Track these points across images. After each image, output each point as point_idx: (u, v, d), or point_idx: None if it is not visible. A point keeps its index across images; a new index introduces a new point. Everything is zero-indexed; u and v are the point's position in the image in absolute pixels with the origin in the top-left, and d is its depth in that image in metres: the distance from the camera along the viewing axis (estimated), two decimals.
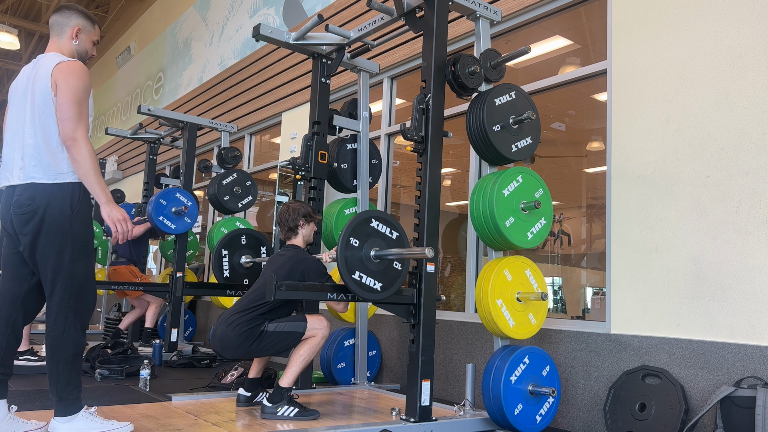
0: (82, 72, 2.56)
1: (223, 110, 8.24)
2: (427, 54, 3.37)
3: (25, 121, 2.58)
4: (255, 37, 4.06)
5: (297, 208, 3.57)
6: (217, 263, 4.58)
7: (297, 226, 3.56)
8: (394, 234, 3.16)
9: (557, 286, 5.74)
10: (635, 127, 3.54)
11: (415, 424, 3.05)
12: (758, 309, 2.93)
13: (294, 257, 3.41)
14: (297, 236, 3.58)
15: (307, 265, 3.36)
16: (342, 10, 6.13)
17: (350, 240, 3.00)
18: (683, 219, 3.25)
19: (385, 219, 3.15)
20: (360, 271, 3.01)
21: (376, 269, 3.08)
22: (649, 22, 3.56)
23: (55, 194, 2.52)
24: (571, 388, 3.58)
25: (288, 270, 3.34)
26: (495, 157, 3.37)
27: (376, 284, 3.07)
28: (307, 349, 3.27)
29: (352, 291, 3.01)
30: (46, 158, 2.54)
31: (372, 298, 3.07)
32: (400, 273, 3.18)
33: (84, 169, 2.50)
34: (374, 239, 3.09)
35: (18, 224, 2.51)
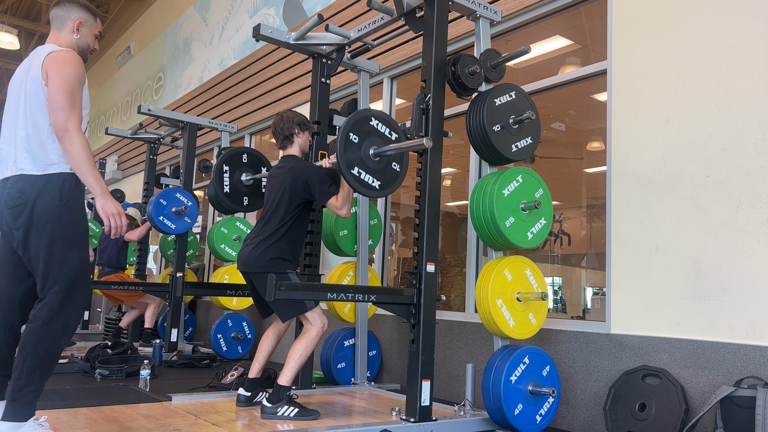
0: (74, 61, 2.46)
1: (223, 110, 8.24)
2: (427, 54, 3.37)
3: (18, 113, 2.52)
4: (255, 37, 4.06)
5: (291, 117, 3.55)
6: (217, 178, 4.53)
7: (292, 134, 3.53)
8: (393, 135, 3.19)
9: (557, 286, 5.74)
10: (635, 127, 3.54)
11: (415, 424, 3.05)
12: (758, 309, 2.93)
13: (295, 167, 3.41)
14: (293, 145, 3.56)
15: (308, 173, 3.35)
16: (342, 10, 6.13)
17: (350, 135, 3.01)
18: (683, 219, 3.25)
19: (385, 119, 3.17)
20: (359, 167, 3.04)
21: (375, 167, 3.12)
22: (649, 22, 3.56)
23: (45, 185, 2.42)
24: (571, 388, 3.58)
25: (291, 180, 3.35)
26: (495, 157, 3.37)
27: (374, 182, 3.11)
28: (303, 345, 3.27)
29: (352, 186, 3.06)
30: (35, 149, 2.46)
31: (370, 194, 3.13)
32: (399, 174, 3.23)
33: (76, 160, 2.40)
34: (373, 138, 3.12)
35: (10, 218, 2.43)
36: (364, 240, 4.49)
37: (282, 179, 3.39)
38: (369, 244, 4.55)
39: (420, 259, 3.23)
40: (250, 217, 7.65)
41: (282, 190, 3.37)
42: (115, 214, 2.48)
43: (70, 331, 2.42)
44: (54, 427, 2.77)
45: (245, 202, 4.84)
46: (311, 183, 3.33)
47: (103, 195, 2.46)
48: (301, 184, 3.34)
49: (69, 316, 2.41)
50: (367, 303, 4.00)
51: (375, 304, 3.21)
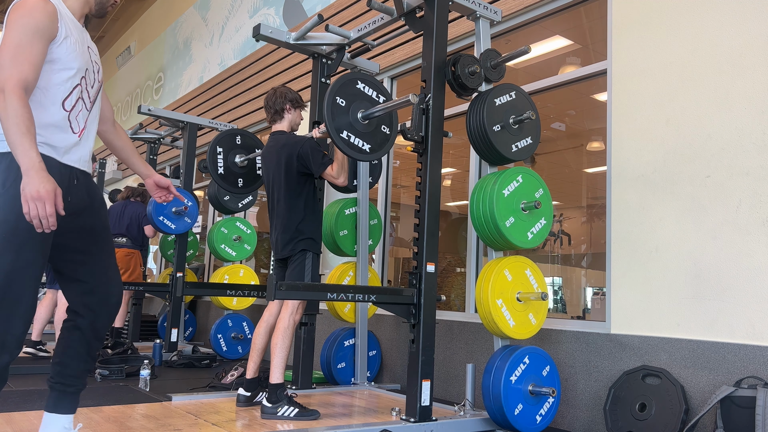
0: (31, 7, 1.97)
1: (223, 110, 8.24)
2: (427, 54, 3.37)
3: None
4: (255, 37, 4.06)
5: (285, 92, 3.58)
6: (211, 159, 4.51)
7: (283, 109, 3.57)
8: (381, 98, 3.22)
9: (557, 286, 5.74)
10: (635, 127, 3.54)
11: (415, 424, 3.05)
12: (758, 309, 2.93)
13: (287, 143, 3.44)
14: (283, 120, 3.59)
15: (302, 147, 3.39)
16: (342, 10, 6.13)
17: (336, 99, 3.03)
18: (683, 219, 3.25)
19: (371, 81, 3.21)
20: (348, 131, 3.06)
21: (364, 130, 3.14)
22: (649, 22, 3.56)
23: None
24: (571, 388, 3.58)
25: (287, 156, 3.40)
26: (495, 157, 3.37)
27: (364, 145, 3.14)
28: (279, 337, 3.28)
29: (342, 150, 3.08)
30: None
31: (361, 158, 3.14)
32: (389, 137, 3.25)
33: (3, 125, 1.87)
34: (361, 101, 3.14)
35: None
36: (364, 240, 4.49)
37: (277, 158, 3.43)
38: (369, 244, 4.55)
39: (420, 259, 3.23)
40: (250, 217, 7.66)
41: (280, 170, 3.42)
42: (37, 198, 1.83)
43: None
44: None
45: (240, 184, 4.80)
46: (305, 156, 3.37)
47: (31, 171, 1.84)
48: (296, 159, 3.38)
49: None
50: (367, 303, 4.00)
51: (375, 304, 3.21)
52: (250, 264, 7.57)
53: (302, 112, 3.66)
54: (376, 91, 3.20)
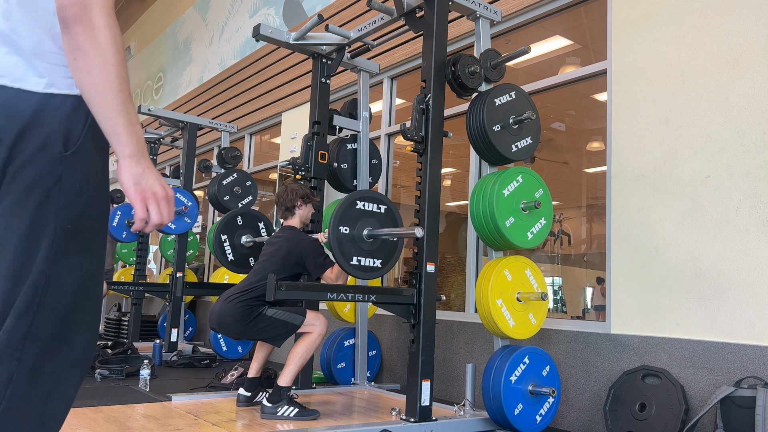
0: None
1: (223, 110, 8.24)
2: (427, 54, 3.37)
3: None
4: (255, 37, 4.06)
5: (295, 189, 3.60)
6: (219, 249, 4.58)
7: (294, 206, 3.59)
8: (382, 208, 3.20)
9: (557, 286, 5.74)
10: (635, 127, 3.54)
11: (415, 424, 3.05)
12: (758, 309, 2.93)
13: (291, 238, 3.45)
14: (294, 217, 3.61)
15: (304, 246, 3.39)
16: (342, 10, 6.13)
17: (340, 229, 3.02)
18: (683, 219, 3.25)
19: (369, 197, 3.19)
20: (357, 256, 3.05)
21: (371, 248, 3.12)
22: (649, 22, 3.56)
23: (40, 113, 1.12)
24: (571, 388, 3.58)
25: (286, 251, 3.38)
26: (495, 157, 3.37)
27: (375, 262, 3.13)
28: (303, 347, 3.27)
29: (355, 276, 3.07)
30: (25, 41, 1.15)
31: (374, 276, 3.14)
32: (397, 244, 3.24)
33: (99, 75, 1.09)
34: (364, 219, 3.13)
35: None
36: None
37: (278, 248, 3.43)
38: None
39: (420, 259, 3.23)
40: None
41: (276, 258, 3.40)
42: (162, 198, 1.17)
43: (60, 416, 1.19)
44: None
45: (252, 263, 4.96)
46: (305, 257, 3.35)
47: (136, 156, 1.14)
48: (294, 257, 3.36)
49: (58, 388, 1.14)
50: (367, 303, 4.00)
51: (375, 304, 3.21)
52: None
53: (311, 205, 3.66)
54: (375, 204, 3.19)
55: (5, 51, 1.14)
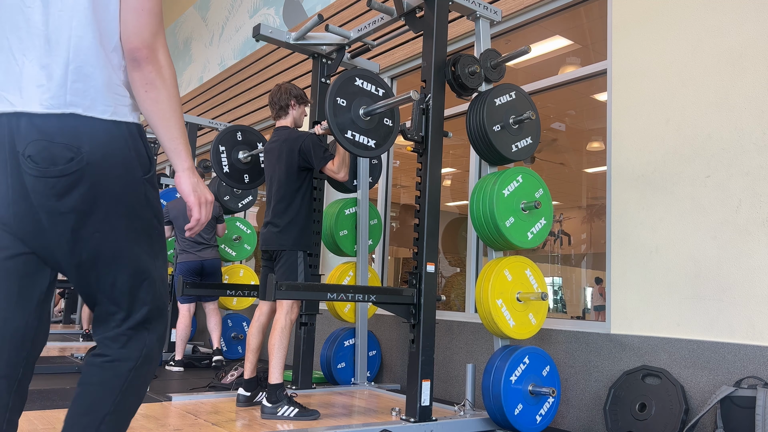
0: None
1: (223, 110, 8.24)
2: (427, 54, 3.37)
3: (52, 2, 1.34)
4: (255, 37, 4.07)
5: (289, 89, 3.60)
6: (216, 159, 4.57)
7: (288, 105, 3.59)
8: (380, 91, 3.24)
9: (557, 286, 5.74)
10: (635, 127, 3.54)
11: (415, 424, 3.05)
12: (758, 309, 2.93)
13: (289, 138, 3.47)
14: (287, 116, 3.61)
15: (303, 142, 3.41)
16: (342, 10, 6.13)
17: (337, 100, 3.05)
18: (683, 219, 3.25)
19: (369, 76, 3.21)
20: (352, 130, 3.07)
21: (367, 127, 3.15)
22: (649, 22, 3.56)
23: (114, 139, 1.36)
24: (571, 388, 3.58)
25: (288, 151, 3.42)
26: (495, 157, 3.37)
27: (369, 141, 3.16)
28: (277, 337, 3.28)
29: (349, 150, 3.10)
30: (99, 74, 1.35)
31: (368, 154, 3.16)
32: (392, 129, 3.27)
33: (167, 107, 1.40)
34: (361, 98, 3.16)
35: (48, 195, 1.32)
36: (364, 240, 4.49)
37: (278, 153, 3.46)
38: (369, 244, 4.55)
39: (420, 259, 3.23)
40: (250, 217, 7.66)
41: (280, 165, 3.44)
42: (209, 203, 1.51)
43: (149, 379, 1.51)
44: (53, 427, 2.77)
45: (246, 179, 4.82)
46: (307, 150, 3.39)
47: (193, 170, 1.48)
48: (297, 154, 3.40)
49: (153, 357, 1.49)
50: (367, 303, 4.00)
51: (375, 304, 3.21)
52: (250, 264, 7.57)
53: (304, 106, 3.67)
54: (374, 86, 3.21)
55: (78, 83, 1.33)
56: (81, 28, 1.34)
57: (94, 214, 1.36)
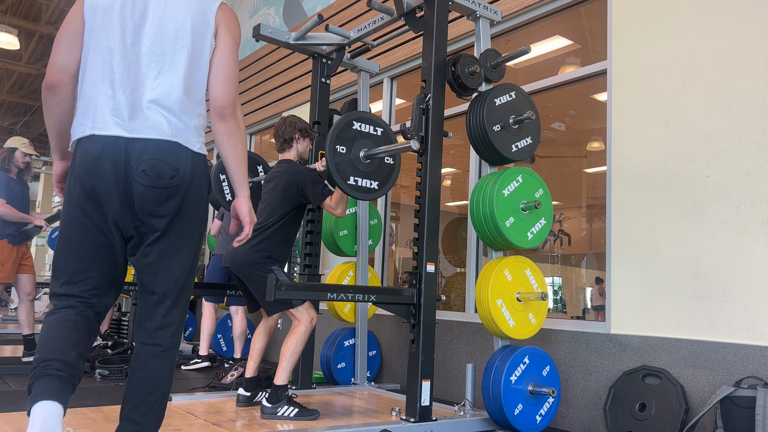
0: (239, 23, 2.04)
1: None
2: (427, 54, 3.37)
3: (156, 59, 1.85)
4: (255, 37, 4.07)
5: (294, 122, 3.58)
6: (218, 188, 4.57)
7: (292, 138, 3.56)
8: (379, 130, 3.23)
9: (557, 286, 5.74)
10: (635, 127, 3.54)
11: (415, 424, 3.05)
12: (758, 309, 2.93)
13: (288, 171, 3.45)
14: (291, 149, 3.59)
15: (302, 177, 3.38)
16: (342, 10, 6.13)
17: (337, 148, 3.03)
18: (683, 219, 3.25)
19: (366, 118, 3.21)
20: (354, 176, 3.08)
21: (368, 169, 3.15)
22: (649, 21, 3.56)
23: (197, 166, 1.88)
24: (571, 388, 3.58)
25: (286, 184, 3.39)
26: (495, 157, 3.37)
27: (372, 184, 3.17)
28: (293, 342, 3.27)
29: (352, 195, 3.09)
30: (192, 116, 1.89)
31: (371, 197, 3.17)
32: (393, 167, 3.27)
33: (240, 150, 1.94)
34: (360, 140, 3.16)
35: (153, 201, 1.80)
36: (364, 240, 4.49)
37: (276, 183, 3.44)
38: (369, 244, 4.55)
39: (420, 259, 3.23)
40: None
41: (276, 193, 3.41)
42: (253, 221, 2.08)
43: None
44: None
45: None
46: (305, 185, 3.35)
47: (249, 197, 2.03)
48: (295, 187, 3.37)
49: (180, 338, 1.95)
50: (367, 303, 4.00)
51: (375, 304, 3.21)
52: None
53: (310, 141, 3.65)
54: (372, 126, 3.21)
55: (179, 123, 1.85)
56: (184, 89, 1.87)
57: (178, 218, 1.84)
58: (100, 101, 1.81)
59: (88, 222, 1.81)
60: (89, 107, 1.83)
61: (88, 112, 1.82)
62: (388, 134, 3.26)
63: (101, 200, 1.79)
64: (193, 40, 1.88)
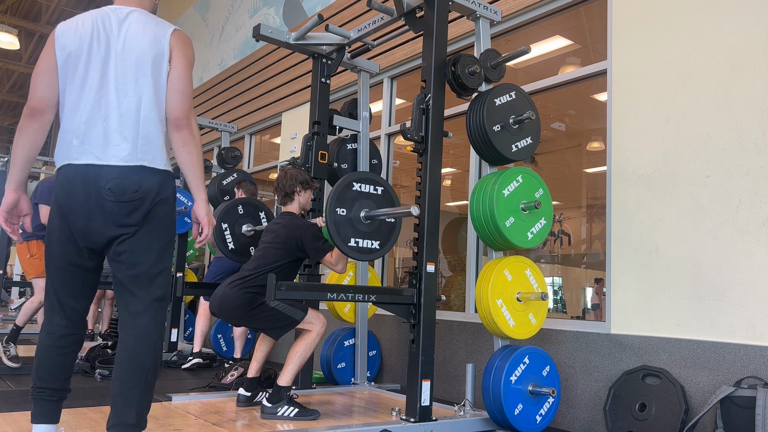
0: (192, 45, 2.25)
1: (223, 110, 8.24)
2: (427, 54, 3.37)
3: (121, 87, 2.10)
4: (255, 37, 4.07)
5: (295, 175, 3.59)
6: (219, 237, 4.59)
7: (293, 192, 3.57)
8: (379, 189, 3.21)
9: (557, 286, 5.74)
10: (635, 127, 3.54)
11: (415, 424, 3.05)
12: (758, 309, 2.93)
13: (289, 224, 3.44)
14: (293, 202, 3.59)
15: (302, 231, 3.37)
16: (342, 10, 6.13)
17: (337, 211, 3.03)
18: (683, 219, 3.25)
19: (365, 178, 3.21)
20: (355, 237, 3.08)
21: (369, 230, 3.15)
22: (649, 21, 3.56)
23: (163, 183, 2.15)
24: (571, 388, 3.58)
25: (285, 237, 3.38)
26: (495, 157, 3.37)
27: (373, 244, 3.16)
28: (303, 346, 3.27)
29: (353, 258, 3.10)
30: (159, 139, 2.13)
31: (373, 257, 3.17)
32: (394, 225, 3.26)
33: (195, 157, 2.16)
34: (361, 201, 3.15)
35: (120, 213, 2.06)
36: None
37: (276, 235, 3.43)
38: None
39: (420, 259, 3.23)
40: None
41: (275, 244, 3.39)
42: (214, 226, 2.30)
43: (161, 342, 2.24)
44: None
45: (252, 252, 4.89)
46: (305, 241, 3.34)
47: (207, 200, 2.26)
48: (294, 242, 3.35)
49: (163, 324, 2.24)
50: (367, 303, 4.00)
51: (375, 304, 3.21)
52: None
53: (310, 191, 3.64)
54: (371, 185, 3.21)
55: (147, 146, 2.11)
56: (148, 109, 2.11)
57: (145, 226, 2.11)
58: (75, 133, 2.08)
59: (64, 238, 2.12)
60: (65, 138, 2.09)
61: (64, 142, 2.09)
62: (389, 193, 3.26)
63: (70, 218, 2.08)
64: (153, 67, 2.12)
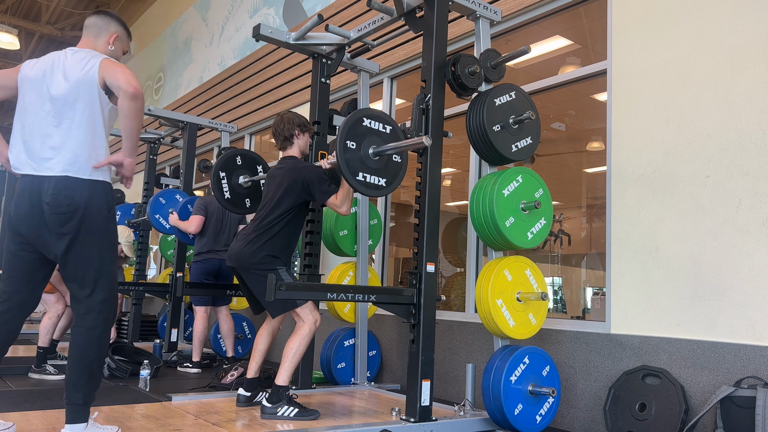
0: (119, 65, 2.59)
1: (223, 110, 8.24)
2: (427, 54, 3.37)
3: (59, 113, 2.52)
4: (255, 37, 4.07)
5: (291, 118, 3.56)
6: (217, 186, 4.58)
7: (292, 135, 3.55)
8: (388, 128, 3.22)
9: (557, 286, 5.74)
10: (635, 127, 3.54)
11: (415, 424, 3.05)
12: (758, 309, 2.93)
13: (293, 168, 3.42)
14: (293, 146, 3.57)
15: (307, 173, 3.36)
16: (342, 10, 6.13)
17: (347, 143, 3.03)
18: (683, 219, 3.25)
19: (376, 115, 3.21)
20: (363, 172, 3.07)
21: (377, 166, 3.15)
22: (649, 21, 3.56)
23: (92, 192, 2.51)
24: (571, 388, 3.58)
25: (290, 182, 3.36)
26: (495, 157, 3.37)
27: (380, 181, 3.15)
28: (297, 342, 3.27)
29: (360, 191, 3.10)
30: (86, 153, 2.51)
31: (379, 194, 3.16)
32: (401, 165, 3.26)
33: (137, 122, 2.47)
34: (370, 137, 3.15)
35: (55, 223, 2.45)
36: (364, 240, 4.49)
37: (281, 180, 3.40)
38: (369, 244, 4.55)
39: (420, 259, 3.23)
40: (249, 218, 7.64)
41: (280, 190, 3.37)
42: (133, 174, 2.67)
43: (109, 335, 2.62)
44: (53, 427, 2.77)
45: (247, 204, 4.85)
46: (311, 183, 3.33)
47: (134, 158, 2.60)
48: (300, 184, 3.34)
49: (109, 322, 2.58)
50: (367, 303, 4.00)
51: (375, 304, 3.21)
52: None
53: (308, 134, 3.63)
54: (382, 123, 3.20)
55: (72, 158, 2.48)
56: (81, 133, 2.51)
57: (81, 234, 2.48)
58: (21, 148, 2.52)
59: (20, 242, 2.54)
60: (13, 151, 2.55)
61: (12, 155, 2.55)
62: (397, 132, 3.26)
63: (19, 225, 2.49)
64: (88, 93, 2.51)
